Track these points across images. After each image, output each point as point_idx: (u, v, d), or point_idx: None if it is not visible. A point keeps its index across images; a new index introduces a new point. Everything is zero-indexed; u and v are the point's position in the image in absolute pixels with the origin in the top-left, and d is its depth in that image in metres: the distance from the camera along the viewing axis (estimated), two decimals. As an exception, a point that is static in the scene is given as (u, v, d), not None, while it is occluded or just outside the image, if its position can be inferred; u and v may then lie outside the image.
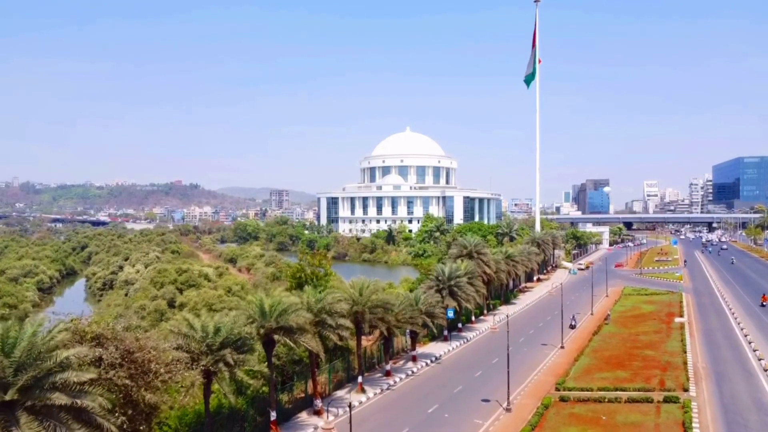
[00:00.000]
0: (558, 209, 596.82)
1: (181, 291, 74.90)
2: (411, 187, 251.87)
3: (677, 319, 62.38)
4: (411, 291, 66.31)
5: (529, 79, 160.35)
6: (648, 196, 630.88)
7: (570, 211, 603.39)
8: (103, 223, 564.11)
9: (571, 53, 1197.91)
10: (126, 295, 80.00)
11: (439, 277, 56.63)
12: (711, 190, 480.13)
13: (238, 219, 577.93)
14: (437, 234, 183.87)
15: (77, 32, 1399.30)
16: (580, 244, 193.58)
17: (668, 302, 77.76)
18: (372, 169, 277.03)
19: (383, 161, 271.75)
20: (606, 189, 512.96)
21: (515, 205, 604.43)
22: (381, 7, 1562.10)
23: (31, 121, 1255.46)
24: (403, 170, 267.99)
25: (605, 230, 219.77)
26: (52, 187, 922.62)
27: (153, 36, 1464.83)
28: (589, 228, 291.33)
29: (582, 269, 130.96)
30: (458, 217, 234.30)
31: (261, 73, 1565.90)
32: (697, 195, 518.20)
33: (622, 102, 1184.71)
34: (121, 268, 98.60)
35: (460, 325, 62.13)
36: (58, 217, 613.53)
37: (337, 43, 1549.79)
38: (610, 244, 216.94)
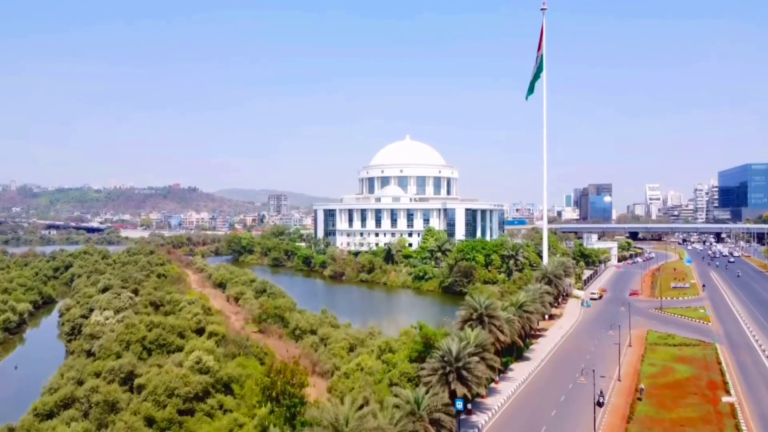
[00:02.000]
0: (560, 213, 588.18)
1: (149, 352, 65.87)
2: (411, 199, 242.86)
3: (725, 399, 53.11)
4: (413, 360, 57.18)
5: (530, 91, 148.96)
6: (650, 199, 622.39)
7: (572, 215, 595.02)
8: (98, 230, 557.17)
9: (571, 54, 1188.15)
10: (89, 353, 70.67)
11: (446, 357, 47.26)
12: (716, 196, 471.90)
13: (235, 225, 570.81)
14: (438, 254, 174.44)
15: (76, 34, 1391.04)
16: (589, 262, 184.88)
17: (704, 360, 68.48)
18: (371, 180, 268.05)
19: (382, 171, 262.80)
20: (607, 199, 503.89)
21: (516, 210, 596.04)
22: (383, 9, 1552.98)
23: (30, 123, 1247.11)
24: (402, 181, 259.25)
25: (613, 246, 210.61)
26: (50, 190, 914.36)
27: (152, 38, 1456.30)
28: (594, 240, 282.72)
29: (595, 299, 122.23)
30: (460, 231, 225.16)
31: (260, 74, 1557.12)
32: (702, 201, 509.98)
33: (623, 103, 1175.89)
34: (91, 310, 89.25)
35: (469, 405, 52.84)
36: (54, 223, 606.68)
37: (338, 45, 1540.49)
38: (619, 260, 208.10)
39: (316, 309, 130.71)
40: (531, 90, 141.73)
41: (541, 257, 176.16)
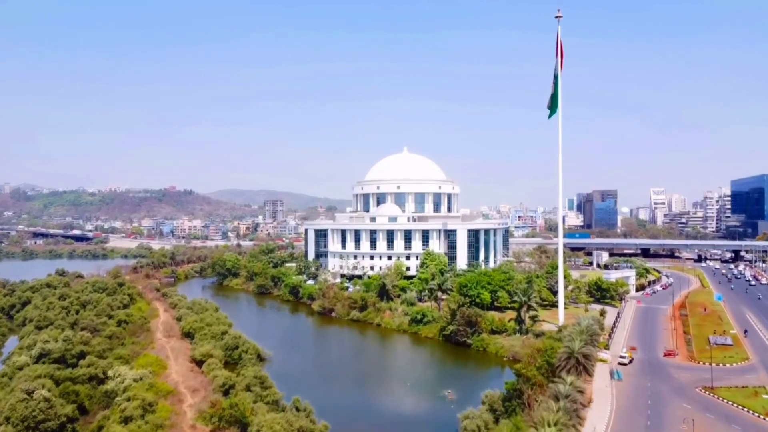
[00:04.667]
0: (563, 219, 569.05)
1: None
2: (409, 219, 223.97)
3: None
4: None
5: (553, 108, 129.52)
6: (655, 204, 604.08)
7: (575, 221, 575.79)
8: (87, 239, 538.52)
9: (573, 55, 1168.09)
10: None
11: None
12: (728, 206, 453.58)
13: (229, 234, 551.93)
14: (438, 293, 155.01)
15: (75, 35, 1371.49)
16: (606, 297, 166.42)
17: None
18: (366, 196, 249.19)
19: (378, 187, 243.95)
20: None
21: (519, 218, 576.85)
22: (390, 20, 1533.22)
23: (28, 125, 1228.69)
24: (400, 197, 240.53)
25: (631, 275, 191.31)
26: (44, 193, 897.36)
27: (152, 40, 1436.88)
28: (605, 258, 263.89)
29: (625, 363, 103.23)
30: (461, 253, 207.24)
31: (260, 76, 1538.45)
32: (712, 209, 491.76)
33: (625, 105, 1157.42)
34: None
35: None
36: (41, 230, 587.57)
37: (339, 47, 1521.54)
38: (637, 290, 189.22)
39: (295, 366, 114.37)
40: (554, 110, 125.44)
41: (553, 293, 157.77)
